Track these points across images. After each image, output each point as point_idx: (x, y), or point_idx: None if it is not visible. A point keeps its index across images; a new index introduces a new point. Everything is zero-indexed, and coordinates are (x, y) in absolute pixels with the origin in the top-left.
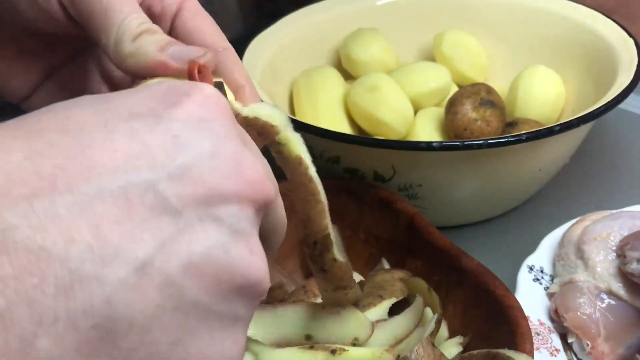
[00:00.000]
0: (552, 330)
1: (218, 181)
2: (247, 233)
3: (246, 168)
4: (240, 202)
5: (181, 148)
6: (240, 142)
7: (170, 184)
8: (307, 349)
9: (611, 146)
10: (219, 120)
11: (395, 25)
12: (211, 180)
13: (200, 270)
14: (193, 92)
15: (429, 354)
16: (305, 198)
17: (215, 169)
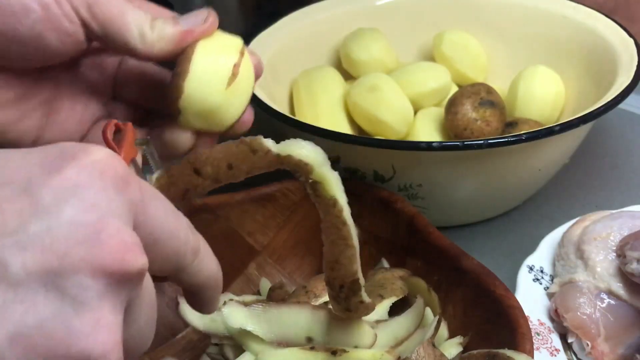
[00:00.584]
0: (552, 330)
1: (69, 250)
2: (92, 305)
3: (106, 237)
4: (92, 273)
5: (38, 215)
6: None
7: (14, 251)
8: (308, 350)
9: (611, 146)
10: (95, 188)
11: (395, 25)
12: (62, 248)
13: (30, 342)
14: (80, 156)
15: (429, 354)
16: (335, 241)
17: (69, 237)
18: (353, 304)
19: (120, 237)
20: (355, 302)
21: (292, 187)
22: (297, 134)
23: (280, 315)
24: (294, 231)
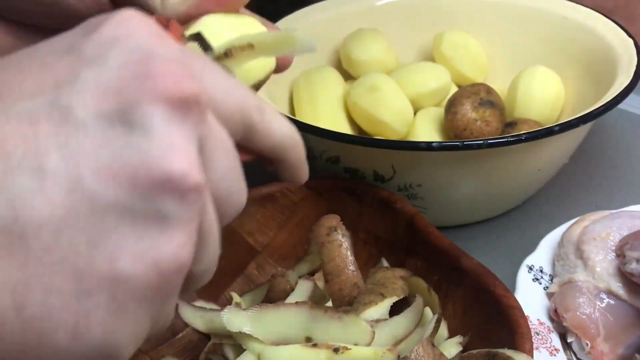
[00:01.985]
0: (551, 330)
1: (124, 84)
2: (162, 130)
3: (154, 68)
4: (151, 100)
5: (87, 65)
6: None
7: (75, 96)
8: (310, 347)
9: (611, 146)
10: (133, 36)
11: (395, 25)
12: (117, 85)
13: (112, 172)
14: (112, 16)
15: (429, 353)
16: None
17: (121, 75)
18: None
19: (168, 66)
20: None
21: (292, 187)
22: None
23: (278, 317)
24: (294, 231)
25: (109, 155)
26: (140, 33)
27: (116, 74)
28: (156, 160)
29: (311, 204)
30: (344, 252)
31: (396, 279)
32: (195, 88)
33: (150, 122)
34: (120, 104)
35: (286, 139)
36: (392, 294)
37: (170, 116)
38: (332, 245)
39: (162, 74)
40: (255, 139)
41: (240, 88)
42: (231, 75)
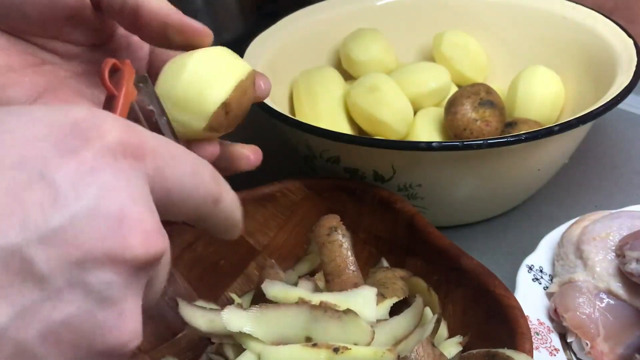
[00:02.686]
0: (551, 330)
1: (93, 244)
2: (116, 299)
3: (128, 227)
4: (115, 267)
5: (59, 206)
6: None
7: (39, 247)
8: (310, 347)
9: (610, 146)
10: (111, 170)
11: (395, 25)
12: (85, 243)
13: (58, 338)
14: (92, 136)
15: (429, 353)
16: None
17: (92, 230)
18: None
19: (141, 226)
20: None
21: (292, 187)
22: (297, 134)
23: (278, 317)
24: (294, 231)
25: (60, 319)
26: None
27: (86, 226)
28: (103, 332)
29: (311, 204)
30: (345, 252)
31: (396, 279)
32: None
33: (108, 290)
34: (85, 264)
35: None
36: (392, 294)
37: (129, 281)
38: (332, 246)
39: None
40: (202, 225)
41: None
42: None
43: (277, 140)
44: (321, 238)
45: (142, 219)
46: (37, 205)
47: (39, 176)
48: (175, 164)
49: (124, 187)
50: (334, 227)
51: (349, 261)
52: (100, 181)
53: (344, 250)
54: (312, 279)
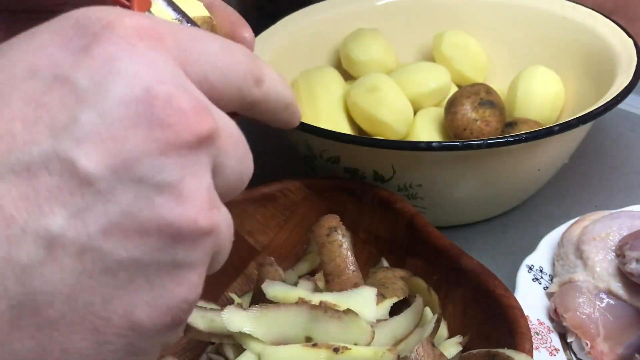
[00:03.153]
0: (551, 330)
1: (127, 133)
2: (173, 181)
3: (160, 109)
4: (161, 149)
5: (83, 103)
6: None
7: (74, 147)
8: (310, 347)
9: (610, 146)
10: (129, 56)
11: (395, 25)
12: (119, 133)
13: (121, 229)
14: (98, 29)
15: (429, 353)
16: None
17: (124, 119)
18: None
19: (176, 103)
20: None
21: (292, 187)
22: (297, 134)
23: (278, 317)
24: (294, 231)
25: (117, 211)
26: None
27: (119, 116)
28: (166, 213)
29: (311, 204)
30: (344, 253)
31: (396, 279)
32: (209, 123)
33: (160, 174)
34: (127, 155)
35: (280, 103)
36: (392, 294)
37: (181, 162)
38: (332, 246)
39: (169, 118)
40: (252, 110)
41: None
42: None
43: (277, 140)
44: (321, 238)
45: (172, 95)
46: (60, 106)
47: (54, 79)
48: (200, 44)
49: (146, 69)
50: (334, 227)
51: (349, 261)
52: (119, 70)
53: (343, 251)
54: (312, 279)
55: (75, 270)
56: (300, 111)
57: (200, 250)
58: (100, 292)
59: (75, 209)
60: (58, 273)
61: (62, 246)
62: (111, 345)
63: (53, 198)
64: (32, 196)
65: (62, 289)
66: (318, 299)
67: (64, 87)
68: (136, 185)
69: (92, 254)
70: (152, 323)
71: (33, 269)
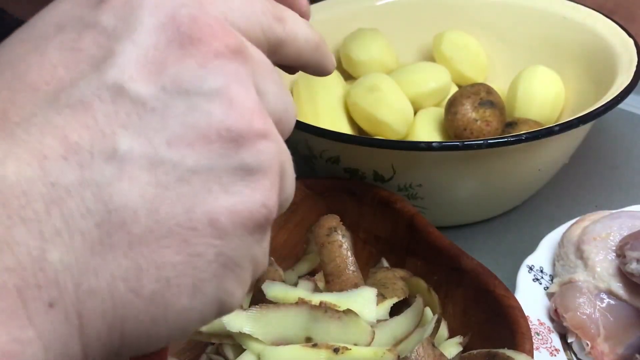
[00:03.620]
0: (551, 330)
1: (166, 54)
2: (217, 88)
3: (189, 27)
4: (199, 63)
5: (115, 38)
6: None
7: (119, 72)
8: (310, 347)
9: (611, 146)
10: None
11: (395, 25)
12: (158, 55)
13: (185, 139)
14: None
15: (429, 353)
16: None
17: (158, 43)
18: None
19: (201, 21)
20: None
21: None
22: (297, 134)
23: (278, 317)
24: (294, 231)
25: (176, 123)
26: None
27: (153, 42)
28: (222, 118)
29: (311, 204)
30: (345, 253)
31: (396, 279)
32: (236, 37)
33: (206, 83)
34: (168, 72)
35: (310, 42)
36: (392, 294)
37: (223, 72)
38: (332, 246)
39: (200, 33)
40: (280, 51)
41: (252, 1)
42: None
43: None
44: (321, 238)
45: (195, 15)
46: (95, 46)
47: (83, 27)
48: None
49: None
50: (334, 227)
51: (349, 261)
52: (141, 3)
53: (343, 251)
54: (312, 279)
55: (150, 183)
56: (300, 111)
57: (264, 153)
58: (180, 202)
59: (135, 128)
60: (135, 188)
61: (132, 162)
62: (203, 258)
63: (112, 122)
64: (91, 123)
65: (143, 203)
66: (318, 299)
67: (93, 30)
68: (186, 97)
69: (162, 166)
70: (235, 228)
71: (109, 186)
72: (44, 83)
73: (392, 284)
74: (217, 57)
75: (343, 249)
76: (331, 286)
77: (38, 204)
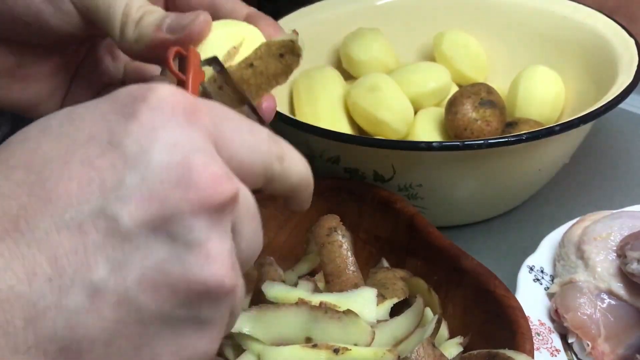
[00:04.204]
0: (552, 331)
1: (167, 194)
2: (200, 241)
3: (197, 174)
4: (192, 211)
5: (130, 167)
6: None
7: (120, 205)
8: (310, 348)
9: (611, 146)
10: (171, 126)
11: (395, 25)
12: (160, 194)
13: (154, 284)
14: (148, 97)
15: (429, 354)
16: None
17: (163, 182)
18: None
19: (208, 171)
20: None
21: None
22: (297, 134)
23: (278, 318)
24: (294, 231)
25: (152, 266)
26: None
27: (158, 179)
28: (196, 271)
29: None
30: (345, 253)
31: (396, 279)
32: (233, 189)
33: (191, 233)
34: (164, 213)
35: (302, 181)
36: (392, 294)
37: (210, 223)
38: (332, 246)
39: (202, 183)
40: (272, 186)
41: (263, 139)
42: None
43: None
44: (321, 239)
45: (206, 164)
46: (110, 169)
47: (108, 145)
48: (231, 123)
49: (186, 140)
50: (334, 227)
51: (349, 262)
52: (163, 138)
53: (343, 251)
54: (312, 279)
55: (113, 319)
56: (300, 111)
57: (223, 308)
58: (132, 341)
59: (116, 262)
60: (100, 321)
61: (103, 296)
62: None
63: (98, 252)
64: (81, 250)
65: (102, 335)
66: (318, 299)
67: (115, 151)
68: (170, 242)
69: (128, 304)
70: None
71: (78, 315)
72: (57, 196)
73: (392, 284)
74: (210, 210)
75: (343, 249)
76: (331, 286)
77: (19, 321)
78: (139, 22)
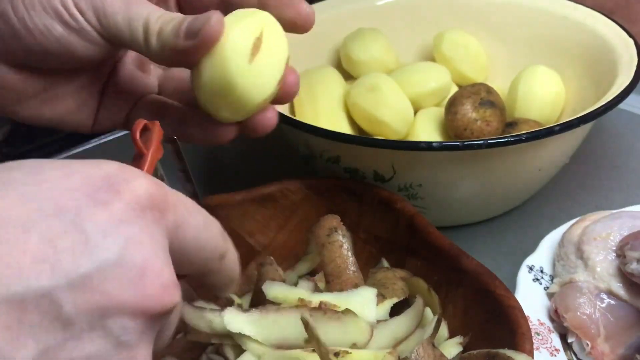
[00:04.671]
0: (552, 330)
1: (116, 292)
2: (131, 344)
3: (149, 279)
4: (134, 314)
5: (89, 254)
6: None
7: (68, 292)
8: (310, 352)
9: (611, 146)
10: (137, 223)
11: (395, 25)
12: (109, 290)
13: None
14: (123, 190)
15: (429, 354)
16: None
17: (116, 279)
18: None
19: (160, 280)
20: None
21: (292, 187)
22: (297, 134)
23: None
24: (294, 231)
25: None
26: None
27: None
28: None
29: (311, 204)
30: (345, 253)
31: (396, 279)
32: (175, 300)
33: (125, 335)
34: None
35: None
36: (392, 294)
37: (144, 328)
38: (332, 246)
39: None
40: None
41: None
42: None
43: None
44: (321, 239)
45: (161, 272)
46: (68, 251)
47: (73, 225)
48: (191, 218)
49: (148, 241)
50: (334, 227)
51: (349, 262)
52: (128, 233)
53: (344, 251)
54: (312, 279)
55: None
56: (300, 111)
57: None
58: None
59: (46, 346)
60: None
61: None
62: None
63: (31, 333)
64: (14, 327)
65: None
66: (318, 299)
67: (77, 234)
68: (103, 337)
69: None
70: None
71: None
72: (6, 265)
73: (392, 284)
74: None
75: (343, 249)
76: (331, 286)
77: None
78: (160, 33)
